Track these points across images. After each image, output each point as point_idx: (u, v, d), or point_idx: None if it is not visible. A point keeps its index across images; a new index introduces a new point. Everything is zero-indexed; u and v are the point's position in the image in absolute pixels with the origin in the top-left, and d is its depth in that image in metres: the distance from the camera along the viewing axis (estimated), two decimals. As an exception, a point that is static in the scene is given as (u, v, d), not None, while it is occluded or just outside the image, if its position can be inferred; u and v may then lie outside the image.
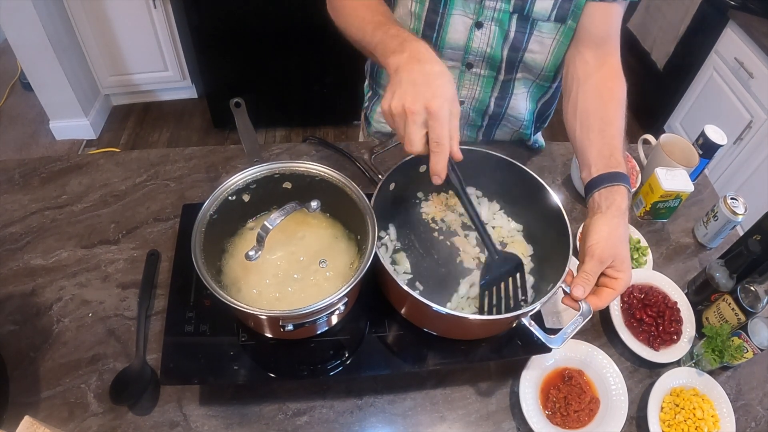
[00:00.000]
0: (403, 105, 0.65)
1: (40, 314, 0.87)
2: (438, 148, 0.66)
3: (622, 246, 0.74)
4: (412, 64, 0.68)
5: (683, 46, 2.62)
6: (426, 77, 0.66)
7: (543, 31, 0.96)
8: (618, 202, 0.77)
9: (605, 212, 0.77)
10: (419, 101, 0.65)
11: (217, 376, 0.76)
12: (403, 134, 0.67)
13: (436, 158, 0.67)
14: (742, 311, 0.88)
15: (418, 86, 0.66)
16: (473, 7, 0.93)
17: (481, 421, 0.82)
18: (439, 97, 0.65)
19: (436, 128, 0.65)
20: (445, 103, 0.65)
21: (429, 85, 0.66)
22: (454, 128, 0.67)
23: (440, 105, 0.64)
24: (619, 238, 0.75)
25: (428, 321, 0.80)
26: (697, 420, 0.84)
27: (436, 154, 0.66)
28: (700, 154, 1.15)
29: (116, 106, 2.93)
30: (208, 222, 0.75)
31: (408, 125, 0.66)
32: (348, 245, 0.83)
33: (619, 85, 0.90)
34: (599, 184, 0.80)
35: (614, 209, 0.77)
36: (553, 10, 0.91)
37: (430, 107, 0.64)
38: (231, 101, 0.80)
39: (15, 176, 1.08)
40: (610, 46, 0.93)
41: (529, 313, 0.73)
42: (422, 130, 0.66)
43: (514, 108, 1.12)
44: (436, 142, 0.66)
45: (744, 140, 2.22)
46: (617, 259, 0.73)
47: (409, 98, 0.65)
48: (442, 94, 0.65)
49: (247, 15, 2.30)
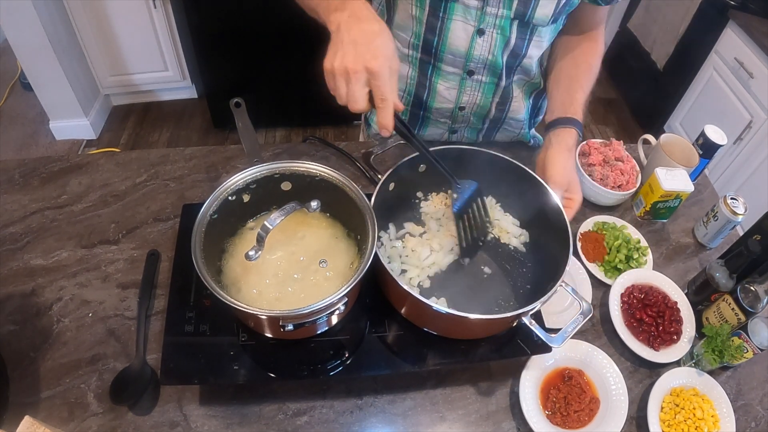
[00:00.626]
0: (345, 66, 0.67)
1: (40, 314, 0.87)
2: (383, 103, 0.69)
3: (573, 175, 0.92)
4: (352, 23, 0.70)
5: (683, 46, 2.62)
6: (365, 36, 0.68)
7: (541, 36, 0.97)
8: (566, 140, 0.95)
9: (555, 147, 0.93)
10: (360, 62, 0.66)
11: (217, 376, 0.76)
12: (345, 93, 0.69)
13: (382, 113, 0.69)
14: (742, 311, 0.88)
15: (358, 46, 0.67)
16: (474, 14, 0.92)
17: (481, 421, 0.82)
18: (380, 56, 0.67)
19: (380, 86, 0.68)
20: (385, 62, 0.67)
21: (369, 45, 0.67)
22: (394, 83, 0.70)
23: (381, 64, 0.67)
24: (570, 169, 0.93)
25: (428, 321, 0.80)
26: (697, 420, 0.84)
27: (382, 110, 0.69)
28: (700, 154, 1.15)
29: (116, 106, 2.93)
30: (208, 222, 0.75)
31: (351, 85, 0.68)
32: (348, 245, 0.83)
33: (594, 55, 1.06)
34: (555, 126, 0.97)
35: (563, 145, 0.94)
36: (553, 14, 0.92)
37: (371, 67, 0.66)
38: (231, 101, 0.80)
39: (15, 176, 1.08)
40: (594, 31, 1.07)
41: (530, 313, 0.73)
42: (365, 89, 0.68)
43: (515, 111, 1.12)
44: (381, 98, 0.68)
45: (744, 140, 2.22)
46: (571, 185, 0.91)
47: (351, 59, 0.67)
48: (382, 54, 0.67)
49: (247, 15, 2.30)
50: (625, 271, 1.01)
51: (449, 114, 1.12)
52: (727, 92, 2.33)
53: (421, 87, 1.07)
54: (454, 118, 1.13)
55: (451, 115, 1.12)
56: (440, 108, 1.10)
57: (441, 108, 1.10)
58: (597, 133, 3.06)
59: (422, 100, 1.10)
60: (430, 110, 1.12)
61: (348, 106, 0.69)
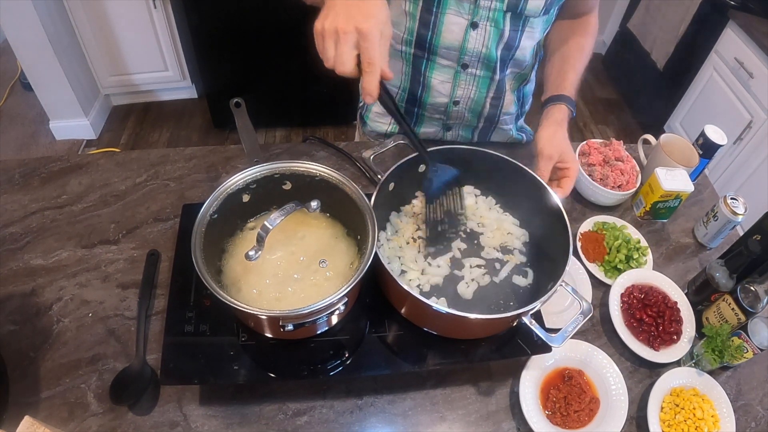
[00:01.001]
0: (335, 26, 0.66)
1: (40, 314, 0.87)
2: (370, 68, 0.67)
3: (563, 144, 0.93)
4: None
5: (683, 46, 2.63)
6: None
7: (533, 27, 0.98)
8: (555, 115, 0.97)
9: (543, 124, 0.96)
10: (351, 22, 0.65)
11: (217, 376, 0.76)
12: (333, 55, 0.67)
13: (368, 78, 0.67)
14: (742, 311, 0.88)
15: (350, 8, 0.67)
16: (468, 7, 0.93)
17: (481, 421, 0.82)
18: (371, 17, 0.66)
19: (369, 49, 0.66)
20: (376, 24, 0.66)
21: (360, 7, 0.66)
22: (385, 50, 0.69)
23: (372, 26, 0.65)
24: (560, 139, 0.93)
25: (428, 320, 0.80)
26: (697, 420, 0.84)
27: (368, 74, 0.67)
28: (700, 154, 1.15)
29: (116, 106, 2.93)
30: (208, 222, 0.75)
31: (339, 45, 0.66)
32: (348, 245, 0.83)
33: (586, 35, 1.08)
34: (546, 105, 1.00)
35: (551, 120, 0.96)
36: (545, 5, 0.93)
37: (361, 28, 0.65)
38: (231, 101, 0.80)
39: (15, 176, 1.08)
40: (587, 15, 1.09)
41: (530, 313, 0.73)
42: (353, 51, 0.67)
43: (507, 105, 1.13)
44: (369, 62, 0.67)
45: (744, 140, 2.22)
46: (563, 154, 0.91)
47: (342, 19, 0.66)
48: (374, 15, 0.66)
49: (247, 15, 2.30)
50: (625, 271, 1.01)
51: (444, 109, 1.12)
52: (727, 92, 2.33)
53: (416, 82, 1.08)
54: (449, 114, 1.13)
55: (446, 111, 1.12)
56: (435, 103, 1.10)
57: (435, 103, 1.10)
58: (597, 133, 3.06)
59: (416, 96, 1.10)
60: (424, 107, 1.12)
61: (335, 68, 0.68)
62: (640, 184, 1.15)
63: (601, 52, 3.50)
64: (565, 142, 0.94)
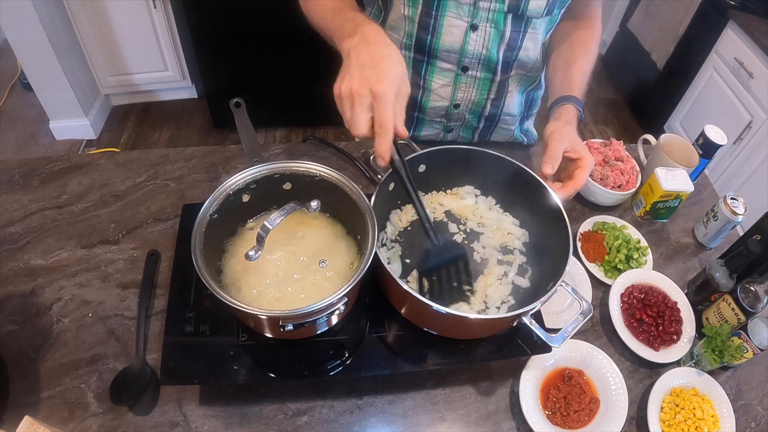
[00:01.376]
0: (350, 88, 0.66)
1: (40, 314, 0.87)
2: (381, 130, 0.67)
3: (573, 136, 0.88)
4: (362, 47, 0.69)
5: (683, 46, 2.62)
6: (373, 60, 0.67)
7: (536, 28, 0.97)
8: (563, 115, 0.93)
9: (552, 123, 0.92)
10: (365, 84, 0.65)
11: (217, 376, 0.76)
12: (349, 117, 0.68)
13: (379, 140, 0.67)
14: (742, 311, 0.88)
15: (365, 69, 0.67)
16: (467, 10, 0.93)
17: (481, 421, 0.82)
18: (385, 80, 0.66)
19: (381, 111, 0.66)
20: (390, 86, 0.66)
21: (375, 68, 0.66)
22: (400, 109, 0.69)
23: (385, 88, 0.65)
24: (568, 132, 0.88)
25: (428, 320, 0.80)
26: (697, 420, 0.84)
27: (379, 137, 0.67)
28: (700, 154, 1.15)
29: (116, 106, 2.93)
30: (208, 222, 0.75)
31: (354, 108, 0.66)
32: (348, 245, 0.83)
33: (590, 38, 1.06)
34: (554, 105, 0.97)
35: (561, 120, 0.92)
36: (546, 6, 0.93)
37: (375, 90, 0.65)
38: (231, 101, 0.80)
39: (15, 176, 1.08)
40: (590, 19, 1.08)
41: (530, 312, 0.73)
42: (368, 114, 0.67)
43: (509, 106, 1.13)
44: (380, 124, 0.67)
45: (744, 140, 2.22)
46: (573, 143, 0.87)
47: (356, 81, 0.66)
48: (388, 77, 0.66)
49: (247, 15, 2.30)
50: (625, 271, 1.01)
51: (444, 113, 1.12)
52: (727, 92, 2.33)
53: (416, 87, 1.07)
54: (449, 117, 1.13)
55: (446, 114, 1.12)
56: (435, 107, 1.10)
57: (436, 107, 1.10)
58: (597, 133, 3.06)
59: (417, 100, 1.10)
60: (425, 111, 1.12)
61: (351, 131, 0.68)
62: (640, 184, 1.15)
63: (601, 52, 3.49)
64: (574, 136, 0.89)
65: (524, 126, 1.25)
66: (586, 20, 1.07)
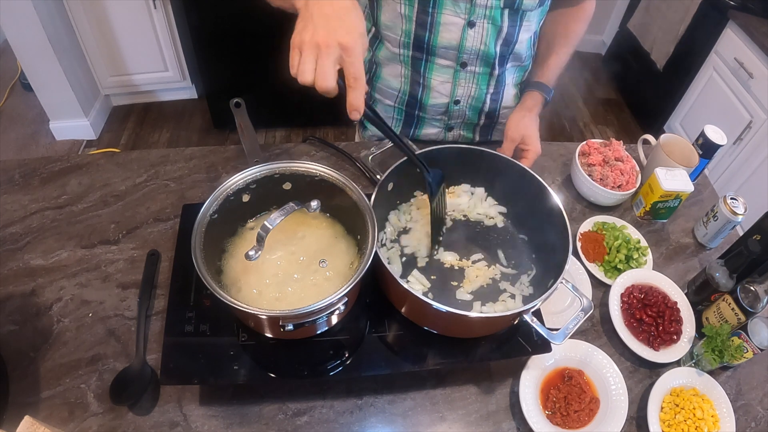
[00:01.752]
0: (316, 40, 0.64)
1: (40, 314, 0.87)
2: (356, 83, 0.65)
3: (529, 129, 1.00)
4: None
5: (683, 46, 2.62)
6: (337, 12, 0.65)
7: (530, 20, 0.99)
8: (526, 102, 1.04)
9: (516, 108, 1.04)
10: (333, 36, 0.63)
11: (217, 376, 0.76)
12: (312, 68, 0.65)
13: (355, 93, 0.66)
14: (742, 311, 0.88)
15: (330, 20, 0.64)
16: (464, 7, 0.93)
17: (481, 421, 0.82)
18: (354, 32, 0.64)
19: (354, 64, 0.64)
20: (359, 38, 0.65)
21: (342, 20, 0.65)
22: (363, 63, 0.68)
23: (355, 40, 0.64)
24: (525, 125, 1.01)
25: (428, 319, 0.80)
26: (697, 420, 0.84)
27: (354, 90, 0.66)
28: (700, 154, 1.15)
29: (116, 107, 2.93)
30: (208, 222, 0.75)
31: (321, 59, 0.64)
32: (348, 245, 0.83)
33: (576, 21, 1.10)
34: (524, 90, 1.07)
35: (523, 106, 1.03)
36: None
37: (345, 43, 0.63)
38: (231, 101, 0.80)
39: (15, 176, 1.08)
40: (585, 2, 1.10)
41: (530, 311, 0.73)
42: (336, 66, 0.65)
43: (507, 99, 1.14)
44: (354, 77, 0.65)
45: (744, 140, 2.22)
46: (525, 136, 1.00)
47: (322, 32, 0.64)
48: (356, 29, 0.65)
49: (247, 15, 2.29)
50: (625, 271, 1.01)
51: (444, 110, 1.12)
52: (727, 92, 2.33)
53: (416, 84, 1.08)
54: (450, 114, 1.13)
55: (447, 111, 1.12)
56: (435, 104, 1.10)
57: (436, 104, 1.10)
58: (597, 133, 3.06)
59: (417, 98, 1.10)
60: (425, 109, 1.12)
61: (316, 84, 0.65)
62: (640, 184, 1.15)
63: (601, 52, 3.50)
64: (530, 128, 1.00)
65: None
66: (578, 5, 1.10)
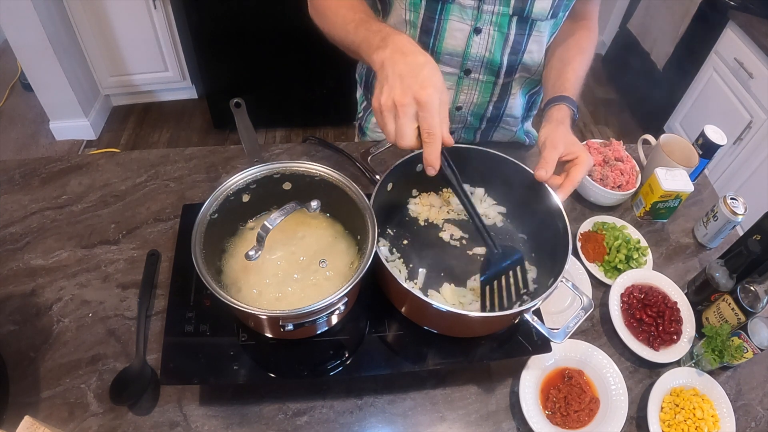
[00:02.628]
0: (393, 99, 0.65)
1: (40, 314, 0.87)
2: (430, 138, 0.66)
3: (568, 136, 0.86)
4: (396, 57, 0.68)
5: (683, 46, 2.62)
6: (412, 69, 0.66)
7: (541, 31, 0.96)
8: (556, 115, 0.90)
9: (545, 125, 0.90)
10: (408, 94, 0.64)
11: (217, 376, 0.76)
12: (393, 129, 0.67)
13: (429, 149, 0.67)
14: (742, 311, 0.88)
15: (405, 78, 0.65)
16: (471, 13, 0.92)
17: (481, 421, 0.82)
18: (428, 87, 0.65)
19: (428, 118, 0.65)
20: (434, 92, 0.65)
21: (416, 77, 0.65)
22: (444, 116, 0.68)
23: (430, 95, 0.64)
24: (562, 132, 0.86)
25: (428, 319, 0.80)
26: (697, 420, 0.84)
27: (428, 145, 0.66)
28: (699, 154, 1.15)
29: (116, 107, 2.93)
30: (208, 222, 0.75)
31: (399, 118, 0.65)
32: (348, 245, 0.83)
33: (586, 39, 1.04)
34: (547, 106, 0.93)
35: (553, 120, 0.89)
36: (551, 8, 0.92)
37: (419, 98, 0.64)
38: (231, 101, 0.80)
39: (15, 176, 1.08)
40: (587, 21, 1.06)
41: (531, 310, 0.73)
42: (413, 123, 0.66)
43: (512, 108, 1.12)
44: (428, 132, 0.66)
45: (744, 140, 2.22)
46: (568, 144, 0.84)
47: (398, 91, 0.65)
48: (431, 84, 0.65)
49: (247, 15, 2.30)
50: (625, 271, 1.01)
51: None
52: (727, 92, 2.33)
53: None
54: (452, 119, 1.13)
55: (449, 116, 1.11)
56: None
57: None
58: (597, 133, 3.06)
59: None
60: None
61: (396, 143, 0.67)
62: (640, 184, 1.15)
63: (601, 52, 3.49)
64: (569, 136, 0.87)
65: (524, 126, 1.24)
66: (583, 22, 1.07)
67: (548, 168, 0.81)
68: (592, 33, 1.07)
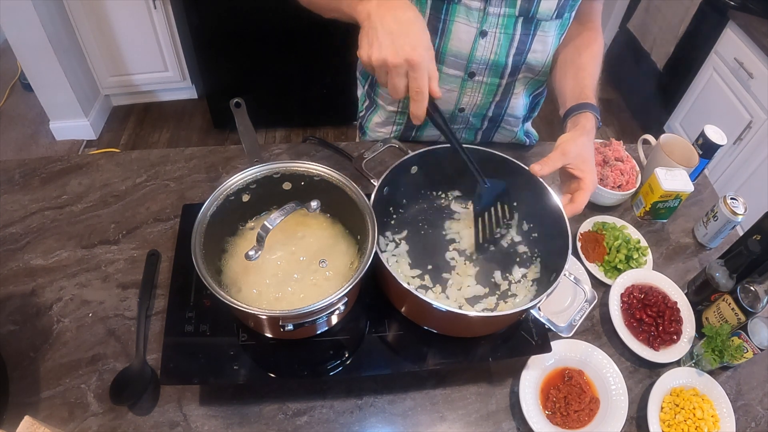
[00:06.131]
0: (384, 59, 0.68)
1: (40, 314, 0.87)
2: (418, 96, 0.70)
3: (585, 151, 0.83)
4: (384, 11, 0.70)
5: (683, 46, 2.62)
6: (401, 26, 0.68)
7: (545, 30, 0.96)
8: (582, 123, 0.88)
9: (570, 131, 0.88)
10: (400, 55, 0.67)
11: (217, 376, 0.76)
12: (384, 82, 0.70)
13: (416, 105, 0.71)
14: (742, 311, 0.88)
15: (396, 38, 0.68)
16: (477, 15, 0.91)
17: (481, 421, 0.82)
18: (419, 47, 0.67)
19: (417, 79, 0.68)
20: (425, 52, 0.68)
21: (407, 35, 0.67)
22: (433, 70, 0.71)
23: (421, 55, 0.67)
24: (583, 144, 0.84)
25: (428, 319, 0.80)
26: (697, 420, 0.84)
27: (416, 102, 0.71)
28: (699, 154, 1.15)
29: (116, 107, 2.93)
30: (208, 222, 0.75)
31: (391, 77, 0.69)
32: (348, 245, 0.83)
33: (595, 42, 1.06)
34: (570, 114, 0.92)
35: (579, 128, 0.87)
36: (557, 8, 0.92)
37: (411, 59, 0.67)
38: (231, 101, 0.80)
39: (15, 176, 1.08)
40: (592, 23, 1.07)
41: (531, 308, 0.73)
42: (405, 80, 0.70)
43: (514, 108, 1.12)
44: (417, 91, 0.70)
45: (744, 140, 2.22)
46: (580, 158, 0.82)
47: (390, 51, 0.67)
48: (420, 44, 0.68)
49: (247, 15, 2.30)
50: (625, 271, 1.01)
51: (448, 116, 1.11)
52: (727, 92, 2.33)
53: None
54: (453, 120, 1.12)
55: (450, 117, 1.11)
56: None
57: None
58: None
59: None
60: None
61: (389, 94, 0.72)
62: (640, 184, 1.15)
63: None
64: (586, 151, 0.84)
65: (525, 127, 1.24)
66: (589, 23, 1.06)
67: (546, 166, 0.82)
68: (600, 36, 1.08)
